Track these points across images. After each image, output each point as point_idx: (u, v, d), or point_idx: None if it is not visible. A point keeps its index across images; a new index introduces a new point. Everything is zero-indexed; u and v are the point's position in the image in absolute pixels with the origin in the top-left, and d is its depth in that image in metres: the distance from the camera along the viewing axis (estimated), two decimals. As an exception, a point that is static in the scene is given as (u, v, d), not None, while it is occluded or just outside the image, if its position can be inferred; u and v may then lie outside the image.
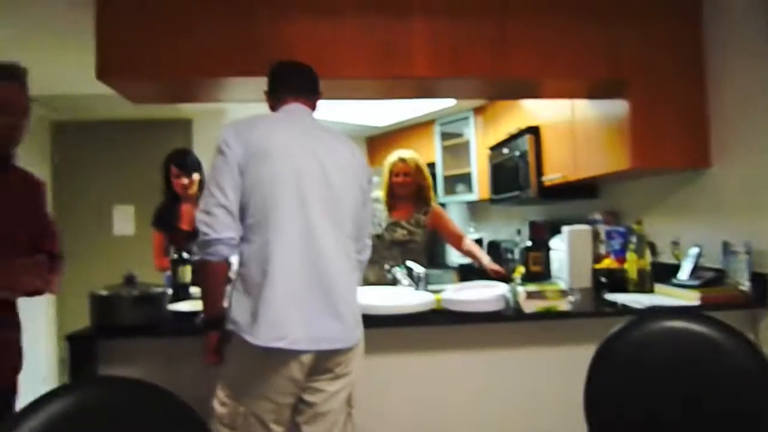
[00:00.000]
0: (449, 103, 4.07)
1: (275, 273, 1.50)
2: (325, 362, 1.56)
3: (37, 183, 1.83)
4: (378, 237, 2.85)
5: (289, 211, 1.54)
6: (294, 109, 1.74)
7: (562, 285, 2.15)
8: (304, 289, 1.53)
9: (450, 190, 4.64)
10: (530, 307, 2.00)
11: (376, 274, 2.85)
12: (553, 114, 3.08)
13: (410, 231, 2.94)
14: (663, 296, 2.20)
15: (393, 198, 2.98)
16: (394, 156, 2.97)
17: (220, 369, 1.63)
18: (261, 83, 1.82)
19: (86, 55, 2.82)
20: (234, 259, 1.64)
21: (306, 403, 1.59)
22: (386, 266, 2.80)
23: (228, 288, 1.64)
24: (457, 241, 3.06)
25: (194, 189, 2.89)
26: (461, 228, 3.29)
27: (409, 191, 2.96)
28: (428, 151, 4.67)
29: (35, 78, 3.39)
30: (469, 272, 4.21)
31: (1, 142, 1.61)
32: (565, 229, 2.66)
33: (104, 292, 2.00)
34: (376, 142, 5.30)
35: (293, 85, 1.77)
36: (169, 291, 2.29)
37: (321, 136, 1.70)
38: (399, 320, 1.98)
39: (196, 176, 2.88)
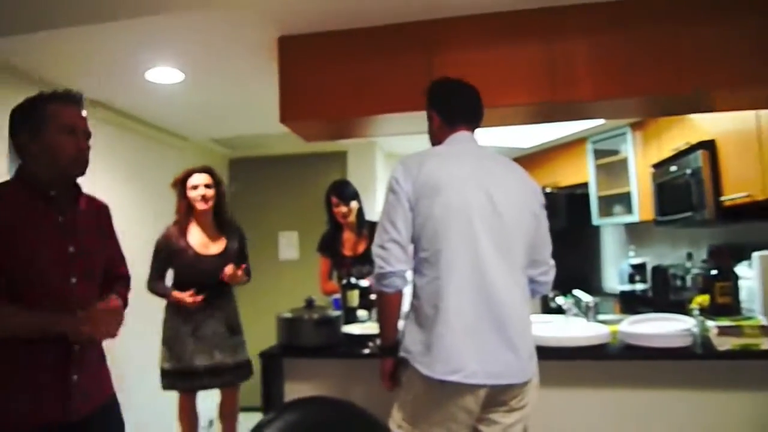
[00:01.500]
0: (602, 120, 3.87)
1: (447, 308, 1.54)
2: (501, 395, 1.56)
3: (104, 205, 1.76)
4: None
5: (460, 246, 1.57)
6: (462, 139, 1.76)
7: (762, 320, 1.92)
8: (477, 323, 1.54)
9: (606, 211, 4.38)
10: (724, 344, 1.81)
11: None
12: (732, 126, 2.79)
13: None
14: None
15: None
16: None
17: (393, 392, 1.70)
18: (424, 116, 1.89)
19: (261, 101, 3.20)
20: (407, 290, 1.71)
21: None
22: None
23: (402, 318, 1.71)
24: None
25: (352, 217, 3.08)
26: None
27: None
28: (579, 171, 4.48)
29: (220, 125, 3.90)
30: (632, 300, 3.94)
31: (75, 167, 1.57)
32: (756, 255, 2.38)
33: (289, 315, 2.21)
34: (523, 165, 5.17)
35: (469, 111, 1.79)
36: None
37: (489, 165, 1.71)
38: (571, 353, 1.91)
39: (354, 204, 3.07)
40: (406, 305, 1.71)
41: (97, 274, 1.64)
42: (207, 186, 2.77)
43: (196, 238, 2.78)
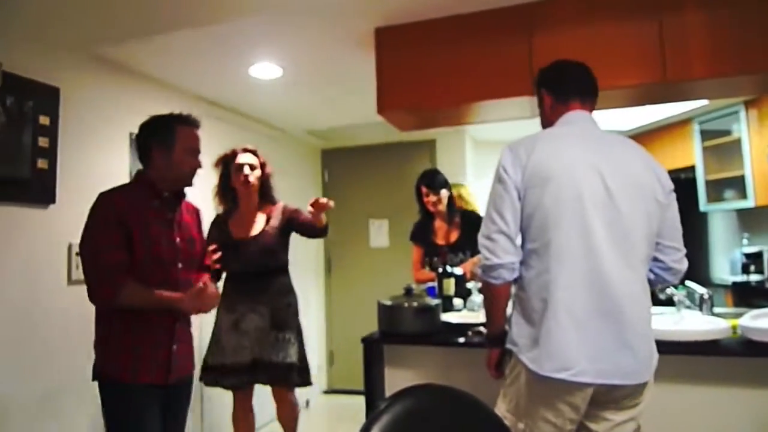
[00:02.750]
0: (707, 100, 3.59)
1: (557, 302, 1.47)
2: (612, 393, 1.49)
3: (197, 209, 2.07)
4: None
5: (571, 237, 1.49)
6: (576, 119, 1.64)
7: None
8: (589, 318, 1.46)
9: (715, 196, 4.07)
10: None
11: None
12: None
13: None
14: None
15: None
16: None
17: (496, 381, 1.69)
18: (526, 101, 1.85)
19: (355, 93, 3.27)
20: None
21: (590, 431, 1.56)
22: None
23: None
24: None
25: (443, 206, 3.08)
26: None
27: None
28: (684, 154, 4.19)
29: (315, 117, 4.03)
30: (746, 292, 3.65)
31: (188, 180, 1.91)
32: None
33: (389, 302, 2.26)
34: (619, 147, 4.93)
35: (581, 86, 1.68)
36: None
37: (607, 149, 1.59)
38: (687, 347, 1.81)
39: (444, 193, 3.07)
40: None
41: (195, 262, 1.97)
42: (252, 167, 2.64)
43: (238, 222, 2.67)
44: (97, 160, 2.61)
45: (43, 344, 2.29)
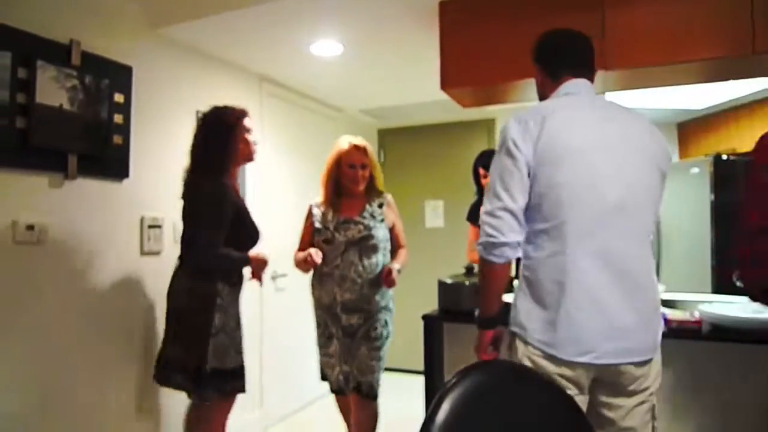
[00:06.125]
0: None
1: (574, 285, 1.41)
2: (618, 376, 1.45)
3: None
4: (327, 241, 2.44)
5: (587, 218, 1.43)
6: (579, 88, 1.55)
7: None
8: (609, 299, 1.41)
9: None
10: None
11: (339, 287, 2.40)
12: None
13: (365, 225, 2.44)
14: None
15: (340, 196, 2.53)
16: (345, 143, 2.53)
17: None
18: (598, 76, 1.76)
19: (414, 69, 3.23)
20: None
21: (606, 419, 1.50)
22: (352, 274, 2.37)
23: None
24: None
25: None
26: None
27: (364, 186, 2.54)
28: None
29: (372, 95, 4.02)
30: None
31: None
32: None
33: (449, 281, 2.25)
34: (690, 130, 4.67)
35: (574, 60, 1.59)
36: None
37: (616, 120, 1.51)
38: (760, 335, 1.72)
39: None
40: None
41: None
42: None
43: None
44: (166, 136, 2.71)
45: (115, 311, 2.43)
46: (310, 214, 2.57)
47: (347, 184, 2.49)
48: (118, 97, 2.41)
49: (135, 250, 2.53)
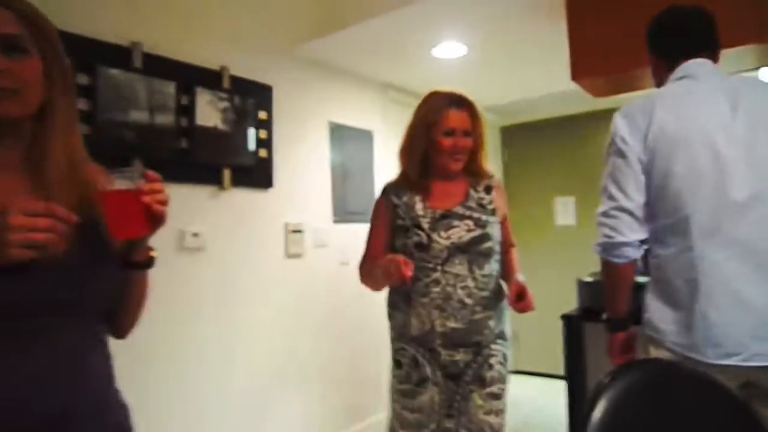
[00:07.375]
0: None
1: (708, 282, 1.31)
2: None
3: None
4: (419, 246, 1.65)
5: (713, 211, 1.31)
6: (695, 71, 1.42)
7: None
8: (748, 295, 1.29)
9: None
10: None
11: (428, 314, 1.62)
12: None
13: (476, 221, 1.68)
14: None
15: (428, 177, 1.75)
16: (439, 98, 1.78)
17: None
18: (750, 49, 1.59)
19: (540, 63, 3.14)
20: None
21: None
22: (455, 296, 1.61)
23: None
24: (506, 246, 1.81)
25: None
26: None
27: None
28: None
29: (495, 92, 3.98)
30: None
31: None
32: None
33: (589, 279, 2.16)
34: None
35: (687, 38, 1.46)
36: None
37: (742, 96, 1.34)
38: None
39: None
40: None
41: None
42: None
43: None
44: (302, 147, 2.91)
45: (270, 311, 2.65)
46: (384, 207, 1.77)
47: (443, 160, 1.73)
48: (262, 114, 2.64)
49: (281, 253, 2.75)
